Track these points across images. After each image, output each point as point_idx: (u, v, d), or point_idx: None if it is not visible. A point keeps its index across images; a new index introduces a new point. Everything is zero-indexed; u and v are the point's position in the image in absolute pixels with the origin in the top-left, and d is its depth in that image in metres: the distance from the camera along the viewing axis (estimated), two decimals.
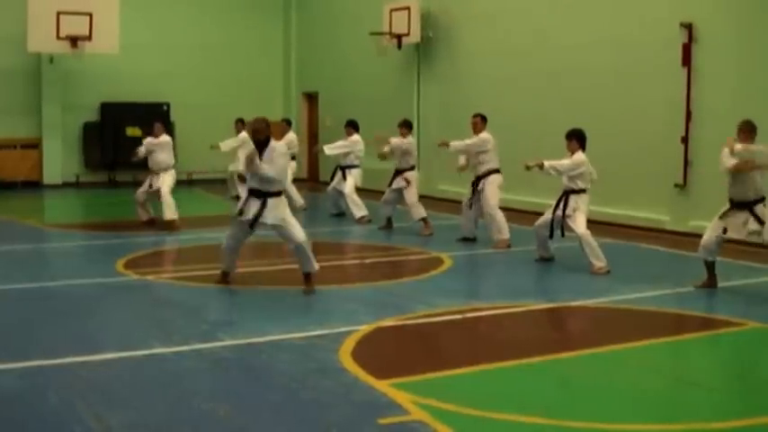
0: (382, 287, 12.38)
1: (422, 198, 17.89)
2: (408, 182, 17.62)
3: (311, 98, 30.87)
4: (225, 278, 12.25)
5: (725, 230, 11.84)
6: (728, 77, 16.15)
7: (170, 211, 17.62)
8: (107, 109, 28.38)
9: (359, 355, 8.73)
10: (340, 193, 19.85)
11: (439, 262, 14.30)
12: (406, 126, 17.89)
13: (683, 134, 16.84)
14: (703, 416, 7.21)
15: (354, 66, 27.74)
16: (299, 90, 31.39)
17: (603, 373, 8.52)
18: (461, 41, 23.34)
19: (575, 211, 13.62)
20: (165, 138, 18.10)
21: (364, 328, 9.80)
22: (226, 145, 23.43)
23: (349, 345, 9.10)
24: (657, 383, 8.25)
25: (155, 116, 26.87)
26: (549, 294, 11.96)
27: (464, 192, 17.02)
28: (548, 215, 13.95)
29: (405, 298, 11.51)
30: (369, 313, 10.55)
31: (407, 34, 24.23)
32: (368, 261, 14.78)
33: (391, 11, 24.62)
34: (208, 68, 30.04)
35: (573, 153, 13.72)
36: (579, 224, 13.56)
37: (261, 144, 11.61)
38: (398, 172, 17.68)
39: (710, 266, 12.23)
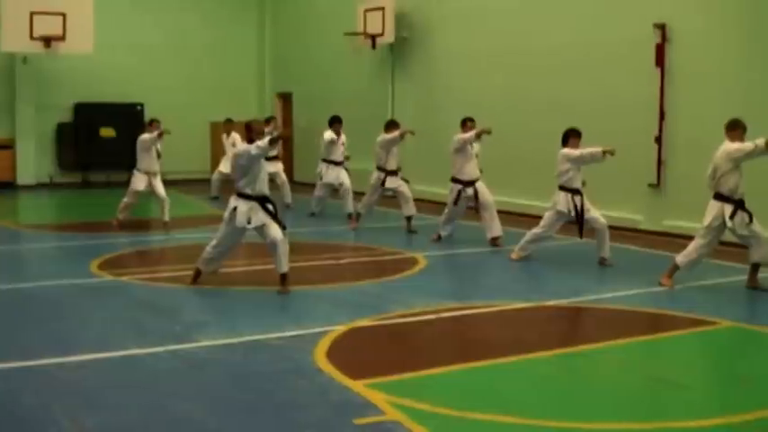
0: (357, 287, 12.38)
1: (395, 199, 17.98)
2: (407, 181, 18.04)
3: (286, 98, 30.82)
4: (197, 278, 12.27)
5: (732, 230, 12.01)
6: (701, 77, 16.22)
7: (168, 214, 17.66)
8: (81, 109, 28.25)
9: (334, 355, 8.74)
10: (335, 190, 19.91)
11: (414, 262, 14.32)
12: (395, 126, 17.90)
13: (657, 134, 16.91)
14: (678, 414, 7.24)
15: (329, 66, 27.71)
16: (273, 90, 31.32)
17: (579, 373, 8.56)
18: (436, 42, 23.36)
19: (590, 206, 14.09)
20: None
21: (340, 329, 9.81)
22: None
23: (324, 345, 9.10)
24: (633, 382, 8.30)
25: (129, 117, 26.99)
26: (524, 294, 11.99)
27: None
28: (557, 219, 14.11)
29: (380, 298, 11.53)
30: (344, 313, 10.55)
31: (382, 34, 24.22)
32: (343, 261, 14.80)
33: (365, 11, 24.60)
34: (182, 69, 29.95)
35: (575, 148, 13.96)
36: (600, 216, 14.12)
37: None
38: (390, 172, 17.75)
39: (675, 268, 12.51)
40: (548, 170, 14.82)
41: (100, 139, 28.15)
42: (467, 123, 16.03)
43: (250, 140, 11.70)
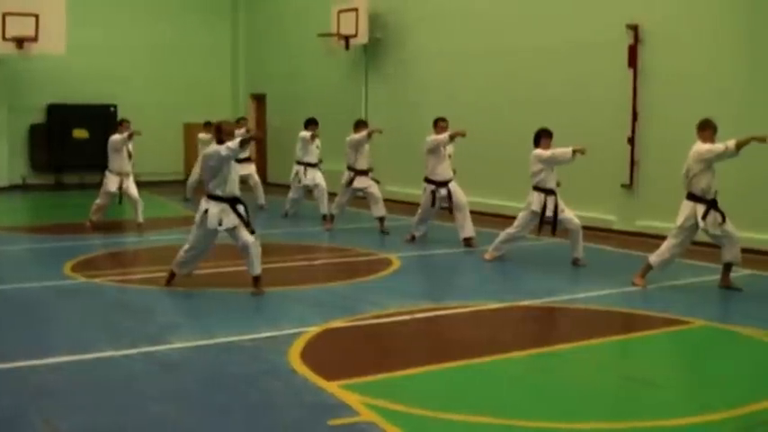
0: (331, 288, 12.38)
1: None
2: (378, 181, 18.05)
3: (259, 99, 30.77)
4: (171, 280, 12.22)
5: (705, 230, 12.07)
6: (674, 78, 16.29)
7: (142, 215, 17.67)
8: (54, 110, 28.14)
9: (308, 356, 8.73)
10: (309, 192, 19.88)
11: (387, 263, 14.33)
12: (363, 125, 17.96)
13: (630, 134, 16.98)
14: (652, 413, 7.26)
15: (302, 67, 27.70)
16: (247, 91, 31.27)
17: (553, 373, 8.58)
18: (409, 43, 23.38)
19: (564, 207, 14.14)
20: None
21: (314, 330, 9.81)
22: None
23: (298, 346, 9.09)
24: (606, 382, 8.33)
25: (102, 118, 26.90)
26: (498, 294, 12.01)
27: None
28: (531, 219, 14.11)
29: (354, 299, 11.53)
30: (318, 314, 10.55)
31: (355, 35, 24.22)
32: (317, 262, 14.79)
33: (339, 12, 24.59)
34: (155, 70, 29.86)
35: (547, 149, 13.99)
36: (574, 217, 14.17)
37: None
38: (360, 172, 17.74)
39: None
40: (521, 170, 14.87)
41: (73, 141, 28.05)
42: (439, 123, 16.07)
43: (220, 141, 11.63)
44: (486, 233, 16.11)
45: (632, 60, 16.94)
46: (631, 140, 16.97)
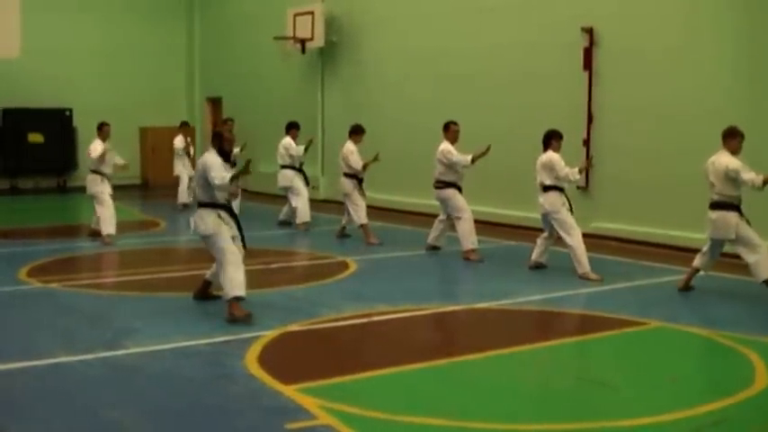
0: (288, 291, 12.36)
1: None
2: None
3: (215, 103, 30.67)
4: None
5: None
6: (629, 81, 16.38)
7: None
8: (8, 115, 27.96)
9: (265, 360, 8.73)
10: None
11: (344, 266, 14.33)
12: (361, 131, 17.34)
13: (585, 137, 17.06)
14: (608, 414, 7.31)
15: (258, 70, 27.66)
16: (203, 94, 31.19)
17: (509, 374, 8.61)
18: (365, 46, 23.40)
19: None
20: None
21: (270, 334, 9.79)
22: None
23: (255, 350, 9.08)
24: (563, 383, 8.36)
25: (57, 122, 26.72)
26: (454, 297, 12.04)
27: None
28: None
29: (311, 302, 11.52)
30: (275, 318, 10.53)
31: (311, 39, 24.21)
32: (273, 266, 14.74)
33: (295, 15, 24.58)
34: (111, 73, 29.68)
35: (556, 152, 13.92)
36: (567, 237, 13.94)
37: (228, 155, 10.99)
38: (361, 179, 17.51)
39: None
40: (476, 171, 14.86)
41: (28, 145, 27.85)
42: (451, 127, 15.51)
43: (220, 149, 10.76)
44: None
45: (587, 63, 17.03)
46: (586, 143, 17.05)
